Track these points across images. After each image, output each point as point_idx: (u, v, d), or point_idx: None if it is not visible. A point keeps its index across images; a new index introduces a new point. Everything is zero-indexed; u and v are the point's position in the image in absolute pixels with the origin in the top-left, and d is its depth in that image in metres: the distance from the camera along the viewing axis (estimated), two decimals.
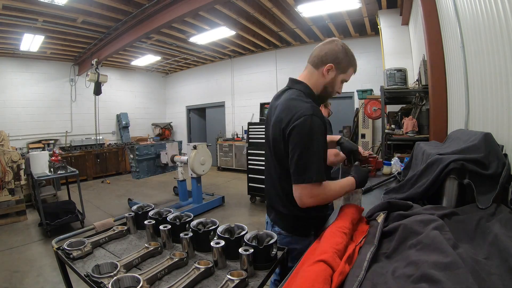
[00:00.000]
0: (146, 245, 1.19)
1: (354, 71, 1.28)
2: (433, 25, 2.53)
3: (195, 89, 9.68)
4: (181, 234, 1.20)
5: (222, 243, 1.10)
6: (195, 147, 4.06)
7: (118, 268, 1.00)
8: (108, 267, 1.03)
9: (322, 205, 1.20)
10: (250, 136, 4.88)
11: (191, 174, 4.19)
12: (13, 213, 4.14)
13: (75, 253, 1.17)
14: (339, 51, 1.19)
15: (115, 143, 8.56)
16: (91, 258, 1.20)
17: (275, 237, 1.14)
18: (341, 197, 1.26)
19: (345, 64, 1.21)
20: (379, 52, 5.29)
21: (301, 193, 1.05)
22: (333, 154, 1.56)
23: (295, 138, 1.05)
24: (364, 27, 5.79)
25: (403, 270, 0.66)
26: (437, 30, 2.51)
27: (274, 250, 1.13)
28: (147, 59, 7.93)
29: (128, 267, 1.08)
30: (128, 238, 1.42)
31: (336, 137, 1.54)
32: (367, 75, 6.20)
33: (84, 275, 1.01)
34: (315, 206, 1.09)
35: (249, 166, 4.82)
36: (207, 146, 4.35)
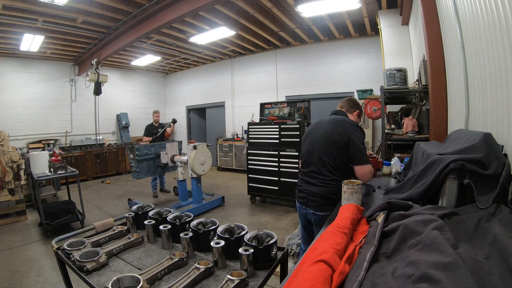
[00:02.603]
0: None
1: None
2: (433, 25, 2.53)
3: (195, 89, 9.68)
4: (181, 234, 1.20)
5: (222, 243, 1.10)
6: (195, 147, 4.06)
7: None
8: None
9: None
10: (250, 136, 4.88)
11: (191, 174, 4.19)
12: (13, 213, 4.14)
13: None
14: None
15: (115, 143, 8.56)
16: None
17: (275, 237, 1.14)
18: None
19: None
20: (379, 52, 5.30)
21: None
22: None
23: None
24: (364, 27, 5.79)
25: (403, 270, 0.66)
26: (437, 30, 2.51)
27: (274, 250, 1.13)
28: (147, 59, 7.93)
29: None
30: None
31: None
32: (367, 75, 6.21)
33: None
34: None
35: (249, 166, 4.82)
36: (207, 146, 4.35)
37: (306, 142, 1.97)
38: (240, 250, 1.05)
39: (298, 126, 4.32)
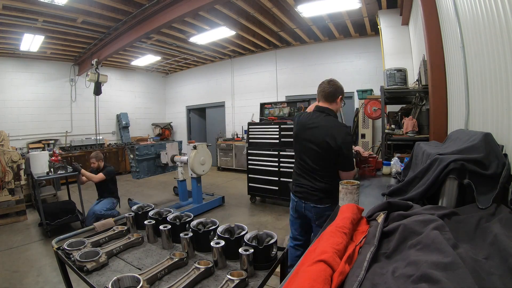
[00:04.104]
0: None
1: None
2: (433, 25, 2.53)
3: (195, 89, 9.68)
4: (181, 234, 1.20)
5: (222, 243, 1.10)
6: (195, 147, 4.06)
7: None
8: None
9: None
10: (250, 136, 4.88)
11: (191, 174, 4.19)
12: (13, 213, 4.14)
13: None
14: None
15: (115, 143, 8.56)
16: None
17: (275, 237, 1.14)
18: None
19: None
20: (379, 52, 5.29)
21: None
22: None
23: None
24: (364, 27, 5.79)
25: (403, 270, 0.66)
26: (437, 30, 2.51)
27: (274, 250, 1.13)
28: (147, 59, 7.92)
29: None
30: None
31: None
32: (367, 75, 6.21)
33: None
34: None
35: (249, 166, 4.82)
36: (207, 146, 4.34)
37: (297, 141, 1.99)
38: (240, 250, 1.05)
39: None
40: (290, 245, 2.12)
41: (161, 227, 1.30)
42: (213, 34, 5.84)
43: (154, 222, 1.38)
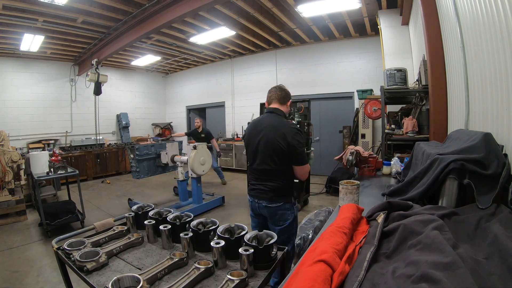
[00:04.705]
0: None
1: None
2: (433, 25, 2.53)
3: (195, 89, 9.68)
4: (181, 234, 1.20)
5: (222, 243, 1.10)
6: (195, 147, 4.05)
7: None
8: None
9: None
10: None
11: (191, 174, 4.19)
12: (13, 213, 4.14)
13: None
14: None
15: (115, 143, 8.56)
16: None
17: (275, 237, 1.14)
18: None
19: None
20: (379, 52, 5.30)
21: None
22: None
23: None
24: (364, 27, 5.79)
25: (403, 270, 0.66)
26: (437, 30, 2.51)
27: (274, 250, 1.13)
28: (147, 59, 7.93)
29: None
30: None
31: None
32: (367, 75, 6.21)
33: None
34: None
35: None
36: (208, 146, 4.33)
37: (249, 144, 2.05)
38: (240, 250, 1.05)
39: (298, 126, 4.30)
40: None
41: (161, 227, 1.30)
42: (213, 34, 5.84)
43: (154, 222, 1.38)
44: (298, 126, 2.03)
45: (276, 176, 1.92)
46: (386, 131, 3.34)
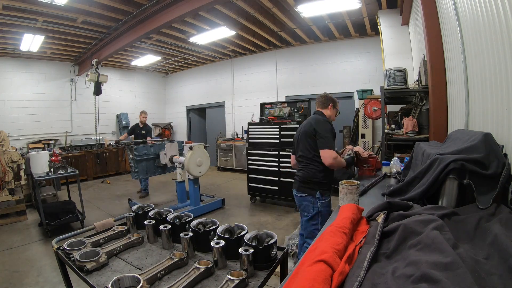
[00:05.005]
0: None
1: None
2: (433, 25, 2.53)
3: (195, 89, 9.68)
4: (181, 234, 1.20)
5: (222, 243, 1.10)
6: (191, 148, 4.01)
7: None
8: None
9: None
10: (250, 136, 4.88)
11: (188, 176, 4.14)
12: (13, 213, 4.14)
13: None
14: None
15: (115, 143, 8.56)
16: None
17: (275, 237, 1.14)
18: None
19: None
20: (379, 52, 5.29)
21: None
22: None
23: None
24: (364, 27, 5.79)
25: (403, 270, 0.66)
26: (437, 30, 2.51)
27: (274, 250, 1.13)
28: (147, 59, 7.92)
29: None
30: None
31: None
32: (367, 75, 6.20)
33: None
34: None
35: (249, 166, 4.82)
36: (205, 146, 4.24)
37: (295, 137, 2.44)
38: (240, 250, 1.05)
39: (298, 126, 4.31)
40: (300, 243, 2.47)
41: (161, 227, 1.30)
42: (213, 34, 5.83)
43: (154, 222, 1.38)
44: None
45: (305, 163, 2.23)
46: (386, 131, 3.34)
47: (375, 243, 0.83)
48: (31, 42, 5.74)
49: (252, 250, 1.04)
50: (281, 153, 4.44)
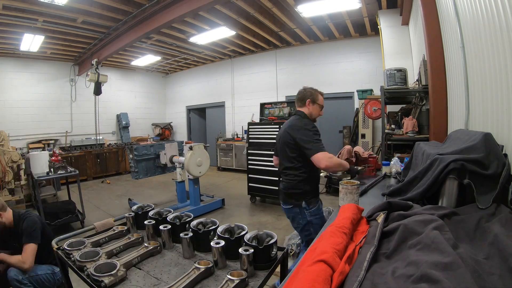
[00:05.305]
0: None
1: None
2: (433, 25, 2.53)
3: (195, 89, 9.68)
4: (181, 234, 1.20)
5: (222, 243, 1.10)
6: (191, 148, 4.01)
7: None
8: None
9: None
10: (250, 136, 4.87)
11: (188, 176, 4.15)
12: None
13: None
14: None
15: (115, 143, 8.56)
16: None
17: (275, 237, 1.14)
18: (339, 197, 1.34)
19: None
20: (379, 52, 5.29)
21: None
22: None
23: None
24: (364, 27, 5.79)
25: (403, 270, 0.66)
26: (437, 30, 2.51)
27: (274, 250, 1.13)
28: (147, 59, 7.92)
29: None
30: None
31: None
32: (367, 75, 6.20)
33: None
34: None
35: (249, 166, 4.82)
36: (205, 146, 4.24)
37: (276, 139, 2.26)
38: (240, 250, 1.05)
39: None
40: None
41: (161, 227, 1.30)
42: (213, 34, 5.83)
43: (154, 222, 1.38)
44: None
45: (287, 174, 2.07)
46: (386, 131, 3.34)
47: (375, 243, 0.83)
48: (31, 42, 5.74)
49: (252, 250, 1.04)
50: None
